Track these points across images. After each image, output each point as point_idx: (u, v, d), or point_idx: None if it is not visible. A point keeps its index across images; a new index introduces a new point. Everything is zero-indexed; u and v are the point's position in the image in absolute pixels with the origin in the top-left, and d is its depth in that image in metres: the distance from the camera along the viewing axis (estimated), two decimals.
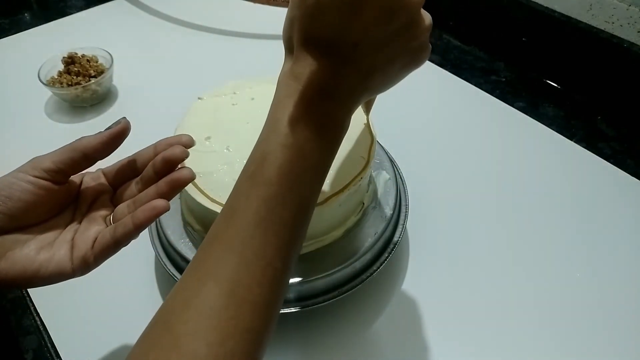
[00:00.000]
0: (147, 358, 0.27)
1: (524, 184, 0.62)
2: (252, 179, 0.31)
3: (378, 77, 0.32)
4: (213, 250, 0.30)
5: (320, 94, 0.31)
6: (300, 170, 0.31)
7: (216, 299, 0.28)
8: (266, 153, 0.31)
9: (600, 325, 0.49)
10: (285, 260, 0.30)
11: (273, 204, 0.30)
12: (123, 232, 0.35)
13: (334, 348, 0.47)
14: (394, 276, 0.52)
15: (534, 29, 0.78)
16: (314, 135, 0.31)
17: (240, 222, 0.30)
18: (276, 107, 0.32)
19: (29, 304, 0.51)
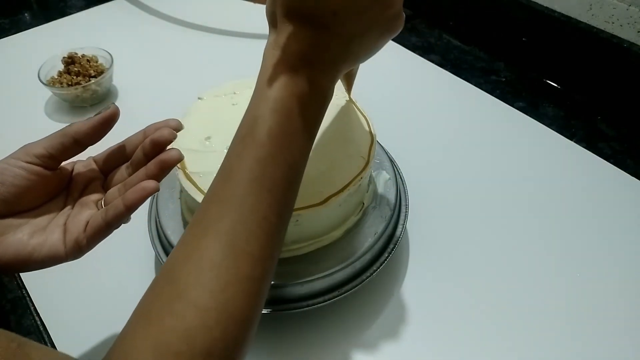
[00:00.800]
0: (152, 308, 0.29)
1: (524, 184, 0.62)
2: (245, 141, 0.32)
3: (357, 45, 0.34)
4: (211, 208, 0.32)
5: (304, 61, 0.33)
6: (289, 132, 0.32)
7: (216, 251, 0.30)
8: (257, 117, 0.32)
9: (600, 325, 0.49)
10: (280, 215, 0.32)
11: (265, 163, 0.32)
12: (114, 213, 0.35)
13: (334, 348, 0.47)
14: (394, 276, 0.52)
15: (534, 29, 0.78)
16: (300, 100, 0.33)
17: (235, 182, 0.31)
18: (263, 75, 0.33)
19: (28, 304, 0.51)
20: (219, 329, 0.28)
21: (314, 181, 0.45)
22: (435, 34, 0.89)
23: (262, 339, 0.48)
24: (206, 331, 0.28)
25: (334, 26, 0.32)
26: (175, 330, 0.27)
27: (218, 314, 0.28)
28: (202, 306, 0.28)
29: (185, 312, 0.28)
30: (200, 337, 0.28)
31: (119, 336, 0.29)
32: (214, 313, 0.28)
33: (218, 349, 0.28)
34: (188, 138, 0.48)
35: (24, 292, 0.52)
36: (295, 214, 0.43)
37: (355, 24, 0.33)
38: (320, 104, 0.35)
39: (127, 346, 0.28)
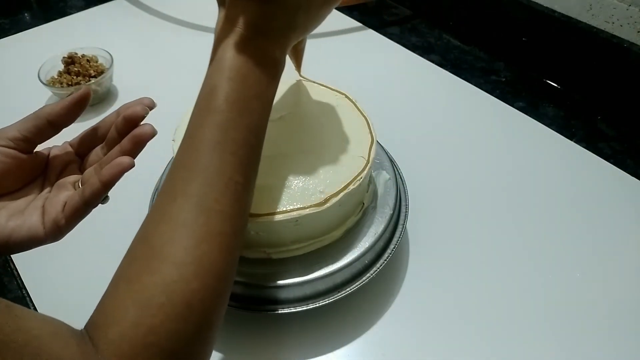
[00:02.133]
0: (130, 269, 0.30)
1: (524, 184, 0.62)
2: (205, 109, 0.34)
3: (303, 15, 0.36)
4: (178, 175, 0.33)
5: (254, 32, 0.34)
6: (246, 98, 0.34)
7: (187, 212, 0.31)
8: (213, 86, 0.34)
9: (600, 325, 0.49)
10: (245, 175, 0.34)
11: (226, 128, 0.33)
12: (91, 191, 0.35)
13: (334, 348, 0.47)
14: (394, 276, 0.52)
15: (534, 29, 0.78)
16: (253, 68, 0.34)
17: (199, 148, 0.33)
18: (216, 47, 0.35)
19: (29, 304, 0.51)
20: (197, 281, 0.30)
21: (314, 181, 0.45)
22: (435, 34, 0.89)
23: (262, 338, 0.48)
24: (185, 284, 0.29)
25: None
26: (155, 285, 0.29)
27: (195, 268, 0.30)
28: (179, 262, 0.29)
29: (163, 268, 0.29)
30: (180, 290, 0.29)
31: (101, 300, 0.30)
32: (191, 267, 0.30)
33: (197, 299, 0.29)
34: None
35: (24, 292, 0.52)
36: (296, 214, 0.43)
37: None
38: (273, 72, 0.36)
39: (110, 306, 0.29)
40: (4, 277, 0.53)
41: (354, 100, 0.53)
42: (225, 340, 0.48)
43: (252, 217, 0.43)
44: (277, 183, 0.45)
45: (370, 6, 0.95)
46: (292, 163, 0.46)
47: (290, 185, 0.45)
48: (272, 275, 0.45)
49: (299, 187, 0.45)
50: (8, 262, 0.54)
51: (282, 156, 0.47)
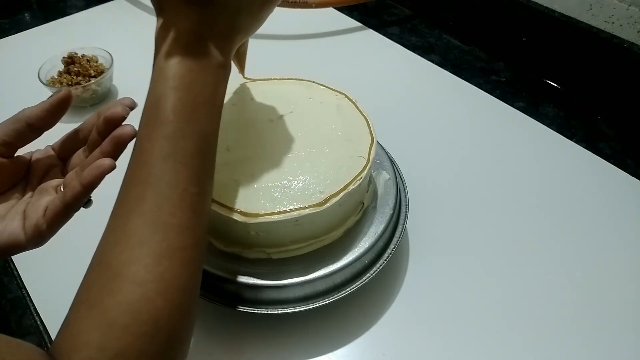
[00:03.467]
0: (90, 292, 0.30)
1: (524, 184, 0.62)
2: (152, 121, 0.33)
3: (244, 17, 0.36)
4: (131, 191, 0.32)
5: (196, 37, 0.33)
6: (194, 106, 0.33)
7: (143, 229, 0.30)
8: (158, 96, 0.33)
9: (600, 325, 0.49)
10: (200, 184, 0.33)
11: (175, 139, 0.32)
12: (72, 194, 0.35)
13: (334, 348, 0.47)
14: (394, 276, 0.52)
15: (534, 29, 0.78)
16: (198, 75, 0.33)
17: (149, 162, 0.32)
18: (158, 56, 0.34)
19: (29, 304, 0.51)
20: (161, 298, 0.29)
21: (314, 181, 0.45)
22: (435, 34, 0.89)
23: (262, 338, 0.48)
24: (149, 302, 0.29)
25: (218, 1, 0.33)
26: (118, 305, 0.28)
27: (158, 285, 0.29)
28: (140, 280, 0.29)
29: (124, 288, 0.29)
30: (145, 309, 0.28)
31: (63, 325, 0.29)
32: (154, 284, 0.29)
33: (163, 317, 0.29)
34: None
35: (24, 292, 0.52)
36: (295, 214, 0.43)
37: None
38: (220, 77, 0.35)
39: (73, 332, 0.28)
40: (4, 277, 0.53)
41: (354, 100, 0.53)
42: (225, 340, 0.48)
43: (252, 217, 0.43)
44: (277, 183, 0.45)
45: (370, 6, 0.95)
46: (292, 163, 0.46)
47: (290, 185, 0.45)
48: (272, 275, 0.45)
49: (299, 187, 0.45)
50: (8, 262, 0.54)
51: (281, 156, 0.47)
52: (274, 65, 0.82)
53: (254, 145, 0.48)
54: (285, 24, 0.90)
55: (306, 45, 0.87)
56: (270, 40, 0.88)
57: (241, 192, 0.44)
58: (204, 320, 0.49)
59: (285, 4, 0.87)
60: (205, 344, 0.48)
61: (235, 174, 0.46)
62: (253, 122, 0.50)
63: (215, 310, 0.47)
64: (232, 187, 0.45)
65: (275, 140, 0.48)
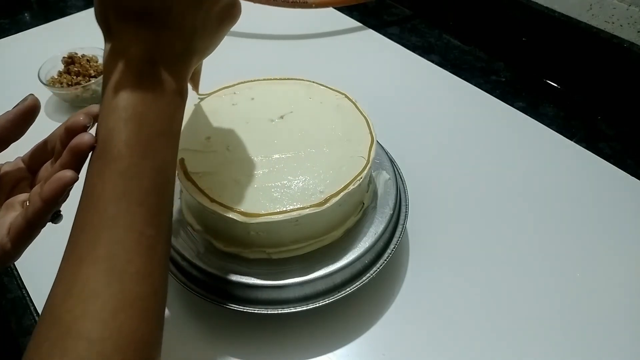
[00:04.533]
0: (40, 352, 0.27)
1: (524, 184, 0.62)
2: (103, 157, 0.31)
3: (199, 38, 0.34)
4: (82, 236, 0.30)
5: (148, 63, 0.31)
6: (148, 138, 0.31)
7: (96, 280, 0.28)
8: (110, 130, 0.31)
9: (600, 325, 0.49)
10: (158, 225, 0.31)
11: (129, 176, 0.30)
12: (33, 210, 0.32)
13: (334, 348, 0.47)
14: (394, 276, 0.52)
15: (534, 29, 0.78)
16: (152, 104, 0.31)
17: (101, 202, 0.30)
18: (107, 86, 0.32)
19: (29, 304, 0.51)
20: (119, 356, 0.27)
21: (314, 181, 0.45)
22: (435, 34, 0.89)
23: (262, 339, 0.48)
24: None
25: (173, 22, 0.31)
26: None
27: (114, 341, 0.27)
28: (96, 338, 0.27)
29: (79, 347, 0.26)
30: None
31: None
32: (110, 341, 0.27)
33: None
34: (188, 138, 0.48)
35: (24, 292, 0.52)
36: (295, 214, 0.43)
37: (193, 17, 0.32)
38: (176, 103, 0.33)
39: None
40: (4, 277, 0.53)
41: (354, 100, 0.53)
42: (225, 340, 0.48)
43: (252, 217, 0.43)
44: (277, 183, 0.45)
45: (370, 6, 0.95)
46: (292, 163, 0.46)
47: (290, 185, 0.45)
48: (272, 275, 0.45)
49: (299, 187, 0.45)
50: None
51: (281, 156, 0.47)
52: (274, 65, 0.82)
53: (254, 145, 0.48)
54: (285, 24, 0.90)
55: (306, 45, 0.87)
56: (270, 40, 0.88)
57: (241, 192, 0.44)
58: (203, 320, 0.49)
59: (285, 4, 0.87)
60: (204, 344, 0.48)
61: (235, 174, 0.46)
62: (253, 122, 0.50)
63: (215, 311, 0.47)
64: (232, 187, 0.45)
65: (275, 140, 0.48)
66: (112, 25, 0.32)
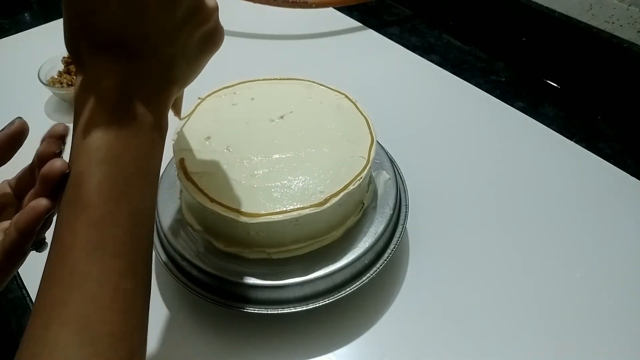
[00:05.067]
0: None
1: (524, 184, 0.62)
2: (73, 205, 0.28)
3: (179, 67, 0.31)
4: (51, 293, 0.27)
5: (123, 97, 0.29)
6: (124, 181, 0.28)
7: (68, 343, 0.25)
8: (80, 174, 0.28)
9: (600, 325, 0.49)
10: (136, 277, 0.28)
11: (102, 225, 0.27)
12: (10, 241, 0.30)
13: (334, 348, 0.47)
14: (394, 276, 0.52)
15: (534, 29, 0.78)
16: (128, 142, 0.29)
17: (72, 256, 0.27)
18: (79, 123, 0.29)
19: (29, 304, 0.51)
20: None
21: (314, 181, 0.45)
22: (435, 34, 0.89)
23: (262, 339, 0.48)
24: None
25: (149, 51, 0.29)
26: None
27: None
28: None
29: None
30: None
31: None
32: None
33: None
34: (188, 138, 0.48)
35: (24, 292, 0.52)
36: (295, 214, 0.43)
37: (172, 45, 0.30)
38: (154, 139, 0.30)
39: None
40: None
41: (354, 100, 0.53)
42: (225, 340, 0.48)
43: (252, 217, 0.43)
44: (277, 183, 0.45)
45: (370, 6, 0.95)
46: (292, 163, 0.46)
47: (290, 185, 0.45)
48: (272, 275, 0.45)
49: (299, 187, 0.45)
50: None
51: (281, 156, 0.47)
52: (274, 65, 0.82)
53: (254, 145, 0.48)
54: (285, 24, 0.90)
55: (306, 45, 0.87)
56: (270, 40, 0.88)
57: (241, 192, 0.44)
58: (203, 320, 0.49)
59: (285, 4, 0.87)
60: (204, 344, 0.48)
61: (235, 174, 0.46)
62: (253, 122, 0.50)
63: (215, 311, 0.47)
64: (232, 187, 0.45)
65: (275, 140, 0.48)
66: (83, 55, 0.29)
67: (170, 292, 0.51)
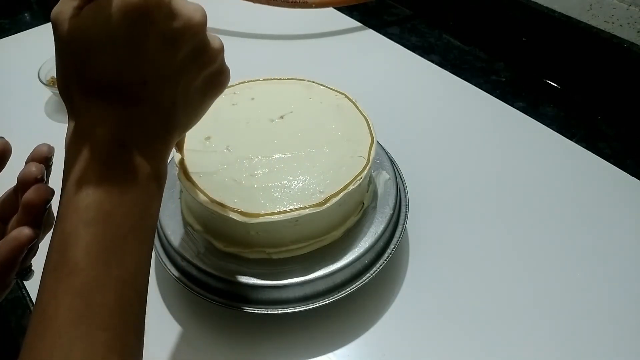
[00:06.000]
0: None
1: (524, 184, 0.62)
2: (57, 270, 0.25)
3: (181, 111, 0.29)
4: None
5: (117, 146, 0.26)
6: (115, 242, 0.26)
7: None
8: (67, 235, 0.25)
9: (600, 325, 0.49)
10: (125, 350, 0.25)
11: (89, 293, 0.25)
12: None
13: (334, 348, 0.47)
14: (394, 276, 0.52)
15: (534, 29, 0.78)
16: (120, 200, 0.26)
17: (54, 328, 0.24)
18: (68, 177, 0.26)
19: (28, 304, 0.51)
20: None
21: (314, 181, 0.45)
22: (435, 34, 0.89)
23: (262, 339, 0.48)
24: None
25: (148, 96, 0.27)
26: None
27: None
28: None
29: None
30: None
31: None
32: None
33: None
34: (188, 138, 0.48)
35: (24, 292, 0.52)
36: (295, 214, 0.43)
37: (172, 90, 0.28)
38: (150, 192, 0.28)
39: None
40: None
41: (354, 100, 0.53)
42: (225, 341, 0.48)
43: (252, 217, 0.43)
44: (277, 183, 0.45)
45: (370, 6, 0.95)
46: (292, 163, 0.46)
47: (290, 185, 0.45)
48: (272, 275, 0.45)
49: (299, 187, 0.45)
50: None
51: (281, 156, 0.47)
52: (274, 65, 0.82)
53: (254, 145, 0.48)
54: (285, 24, 0.90)
55: (306, 45, 0.87)
56: (270, 40, 0.88)
57: (241, 192, 0.44)
58: (203, 320, 0.49)
59: (285, 4, 0.87)
60: (204, 344, 0.48)
61: (235, 174, 0.46)
62: (253, 122, 0.50)
63: (215, 311, 0.47)
64: (232, 187, 0.45)
65: (275, 140, 0.48)
66: (76, 101, 0.26)
67: (170, 292, 0.51)
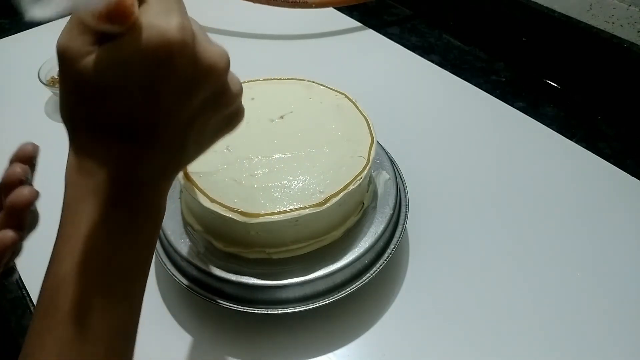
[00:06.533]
0: None
1: (524, 184, 0.62)
2: (46, 317, 0.24)
3: (191, 150, 0.28)
4: None
5: (122, 187, 0.25)
6: (110, 289, 0.25)
7: None
8: (60, 280, 0.24)
9: (600, 325, 0.49)
10: None
11: (79, 344, 0.23)
12: None
13: (334, 348, 0.47)
14: (394, 276, 0.52)
15: (534, 29, 0.78)
16: (121, 238, 0.25)
17: None
18: (68, 214, 0.25)
19: (29, 304, 0.51)
20: None
21: (314, 181, 0.45)
22: (435, 34, 0.89)
23: (262, 338, 0.48)
24: None
25: (158, 139, 0.25)
26: None
27: None
28: None
29: None
30: None
31: None
32: None
33: None
34: None
35: (24, 292, 0.52)
36: (295, 214, 0.43)
37: (187, 132, 0.26)
38: (151, 231, 0.27)
39: None
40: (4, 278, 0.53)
41: (354, 100, 0.53)
42: (225, 340, 0.48)
43: (252, 217, 0.43)
44: (277, 183, 0.45)
45: (370, 6, 0.95)
46: (292, 163, 0.46)
47: (290, 185, 0.45)
48: (272, 275, 0.45)
49: (298, 187, 0.45)
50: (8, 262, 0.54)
51: (282, 156, 0.47)
52: (274, 65, 0.82)
53: (254, 145, 0.48)
54: (285, 24, 0.90)
55: (306, 45, 0.87)
56: (270, 40, 0.88)
57: (241, 192, 0.44)
58: (204, 320, 0.49)
59: (285, 4, 0.87)
60: (204, 344, 0.48)
61: (235, 174, 0.46)
62: (253, 122, 0.50)
63: (216, 311, 0.47)
64: (232, 187, 0.45)
65: (275, 140, 0.48)
66: (80, 134, 0.25)
67: (170, 292, 0.51)
